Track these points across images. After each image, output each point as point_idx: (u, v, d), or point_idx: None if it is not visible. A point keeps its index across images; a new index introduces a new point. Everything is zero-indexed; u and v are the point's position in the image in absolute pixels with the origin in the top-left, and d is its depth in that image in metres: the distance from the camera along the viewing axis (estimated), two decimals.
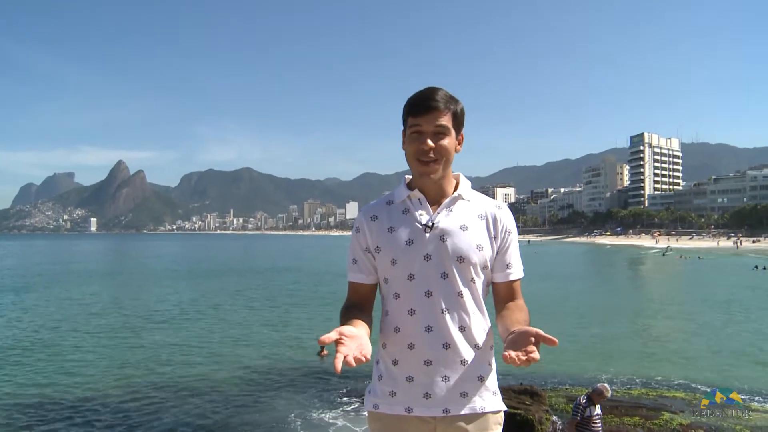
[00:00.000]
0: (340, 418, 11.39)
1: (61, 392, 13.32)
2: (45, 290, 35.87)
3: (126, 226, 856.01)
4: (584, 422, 7.19)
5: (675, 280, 45.41)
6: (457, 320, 1.93)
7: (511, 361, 1.62)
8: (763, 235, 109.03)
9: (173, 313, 25.75)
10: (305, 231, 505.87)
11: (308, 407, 12.08)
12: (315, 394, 13.02)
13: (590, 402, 7.25)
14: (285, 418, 11.45)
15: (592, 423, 7.20)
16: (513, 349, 1.66)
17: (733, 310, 26.04)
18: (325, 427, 11.01)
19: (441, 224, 1.94)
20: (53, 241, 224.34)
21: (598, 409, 7.29)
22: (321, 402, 12.45)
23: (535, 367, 14.97)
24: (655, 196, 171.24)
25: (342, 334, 1.66)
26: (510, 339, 1.72)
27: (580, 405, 7.25)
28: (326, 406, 12.14)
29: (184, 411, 11.91)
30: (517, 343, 1.68)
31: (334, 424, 11.13)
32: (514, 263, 2.03)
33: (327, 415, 11.61)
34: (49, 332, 21.08)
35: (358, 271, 2.05)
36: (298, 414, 11.65)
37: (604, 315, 24.74)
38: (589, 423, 7.18)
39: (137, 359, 16.69)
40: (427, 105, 1.90)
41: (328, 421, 11.24)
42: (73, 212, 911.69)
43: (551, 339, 1.62)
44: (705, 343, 18.79)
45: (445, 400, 1.93)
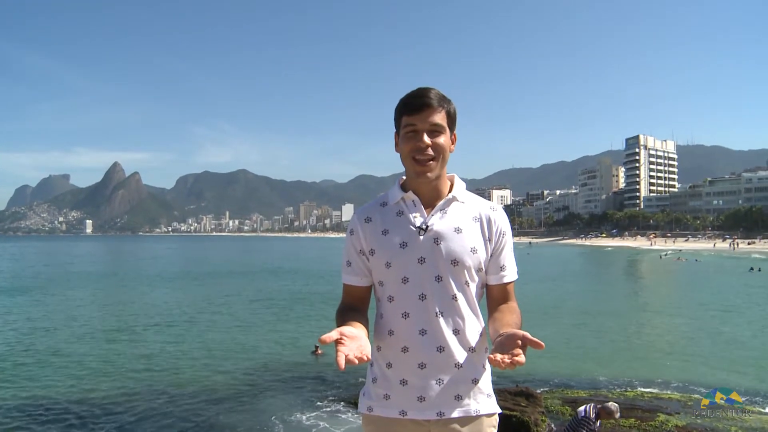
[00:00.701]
0: (327, 420, 11.34)
1: (53, 394, 13.22)
2: (39, 292, 35.62)
3: (121, 228, 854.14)
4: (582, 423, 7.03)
5: (671, 282, 45.48)
6: (451, 323, 1.93)
7: (496, 364, 1.63)
8: (759, 237, 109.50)
9: (167, 315, 25.61)
10: (301, 233, 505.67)
11: (299, 408, 12.01)
12: (307, 395, 12.95)
13: (598, 417, 6.97)
14: (272, 418, 11.38)
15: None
16: (500, 351, 1.67)
17: (728, 312, 26.08)
18: (309, 428, 10.96)
19: (435, 227, 1.93)
20: (49, 243, 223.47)
21: (598, 423, 7.07)
22: (312, 403, 12.37)
23: (530, 369, 14.97)
24: (650, 198, 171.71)
25: (342, 335, 1.68)
26: (498, 341, 1.73)
27: (590, 420, 6.90)
28: (316, 407, 12.06)
29: (174, 412, 11.85)
30: (505, 346, 1.69)
31: (317, 425, 11.08)
32: (508, 265, 2.02)
33: (315, 416, 11.55)
34: (42, 334, 20.95)
35: (353, 273, 2.04)
36: (287, 415, 11.58)
37: (599, 316, 24.75)
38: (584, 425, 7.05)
39: (130, 361, 16.59)
40: (422, 103, 1.89)
41: (314, 423, 11.18)
42: (69, 214, 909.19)
43: (538, 342, 1.64)
44: (701, 345, 18.80)
45: (439, 403, 1.93)
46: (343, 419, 11.28)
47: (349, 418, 11.27)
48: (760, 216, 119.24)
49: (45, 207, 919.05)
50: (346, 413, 11.56)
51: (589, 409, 7.05)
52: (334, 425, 11.06)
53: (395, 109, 1.98)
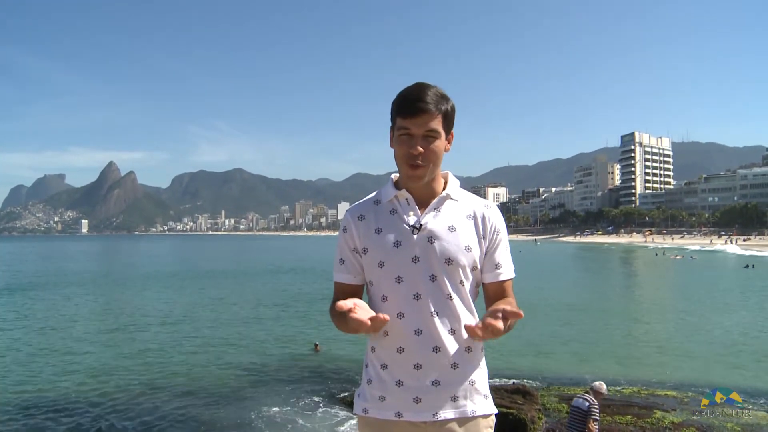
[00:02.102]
0: (326, 418, 11.35)
1: (50, 393, 13.20)
2: (37, 293, 35.53)
3: (117, 227, 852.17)
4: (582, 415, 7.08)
5: (667, 279, 45.64)
6: (447, 323, 1.90)
7: (472, 332, 1.66)
8: (754, 234, 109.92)
9: (165, 314, 25.56)
10: (297, 231, 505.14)
11: (297, 405, 12.04)
12: (306, 392, 12.99)
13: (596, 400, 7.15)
14: (272, 416, 11.40)
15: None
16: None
17: (723, 309, 26.21)
18: (309, 427, 10.97)
19: (429, 225, 1.91)
20: (44, 242, 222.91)
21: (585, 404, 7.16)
22: (312, 400, 12.40)
23: (527, 367, 15.05)
24: (646, 195, 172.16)
25: (356, 305, 1.71)
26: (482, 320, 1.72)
27: (596, 405, 7.05)
28: (315, 405, 12.09)
29: (174, 409, 11.88)
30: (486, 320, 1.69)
31: (317, 424, 11.09)
32: (503, 263, 1.99)
33: (313, 414, 11.57)
34: (37, 333, 20.94)
35: (346, 271, 2.01)
36: (286, 413, 11.61)
37: (595, 314, 24.83)
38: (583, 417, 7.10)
39: (128, 359, 16.59)
40: (417, 107, 1.83)
41: (314, 422, 11.20)
42: (64, 214, 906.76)
43: (517, 312, 1.65)
44: (696, 342, 18.87)
45: (436, 404, 1.91)
46: (341, 417, 11.28)
47: (349, 415, 11.28)
48: (755, 213, 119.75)
49: (40, 207, 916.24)
50: (344, 411, 11.57)
51: (590, 397, 7.18)
52: (332, 423, 11.07)
53: (392, 103, 1.92)
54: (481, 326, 1.65)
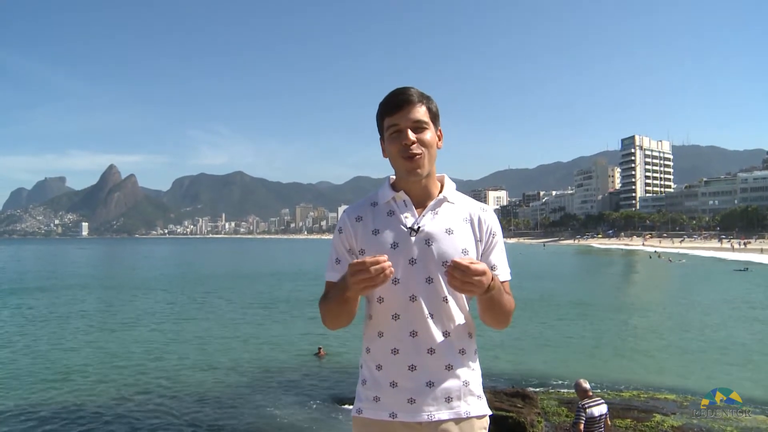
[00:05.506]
0: (328, 420, 11.36)
1: (50, 393, 13.20)
2: (35, 294, 35.55)
3: (118, 230, 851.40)
4: (589, 423, 6.97)
5: (668, 283, 45.59)
6: (441, 325, 1.92)
7: (450, 277, 1.70)
8: (754, 237, 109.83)
9: (165, 317, 25.62)
10: (297, 235, 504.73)
11: (300, 408, 12.05)
12: (309, 395, 12.99)
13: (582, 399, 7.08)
14: (275, 419, 11.42)
15: (596, 424, 6.99)
16: None
17: (723, 313, 26.20)
18: (310, 428, 10.97)
19: (426, 228, 1.92)
20: (45, 246, 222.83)
21: (604, 408, 7.07)
22: (314, 403, 12.41)
23: (526, 370, 15.05)
24: (646, 199, 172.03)
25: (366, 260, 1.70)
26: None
27: (581, 405, 7.03)
28: (318, 409, 12.10)
29: (176, 412, 11.88)
30: None
31: (318, 425, 11.10)
32: (499, 265, 1.98)
33: (316, 417, 11.58)
34: (35, 333, 20.91)
35: (341, 271, 1.94)
36: (288, 415, 11.63)
37: (595, 317, 24.81)
38: (593, 424, 6.97)
39: (129, 360, 16.60)
40: (401, 101, 1.89)
41: (314, 423, 11.20)
42: (65, 217, 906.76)
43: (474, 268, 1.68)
44: (696, 346, 18.86)
45: (430, 405, 1.91)
46: (344, 421, 11.29)
47: (349, 418, 11.28)
48: (755, 216, 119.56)
49: (41, 210, 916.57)
50: (348, 415, 11.56)
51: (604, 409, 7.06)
52: (336, 428, 11.07)
53: (377, 114, 1.97)
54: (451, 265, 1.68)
